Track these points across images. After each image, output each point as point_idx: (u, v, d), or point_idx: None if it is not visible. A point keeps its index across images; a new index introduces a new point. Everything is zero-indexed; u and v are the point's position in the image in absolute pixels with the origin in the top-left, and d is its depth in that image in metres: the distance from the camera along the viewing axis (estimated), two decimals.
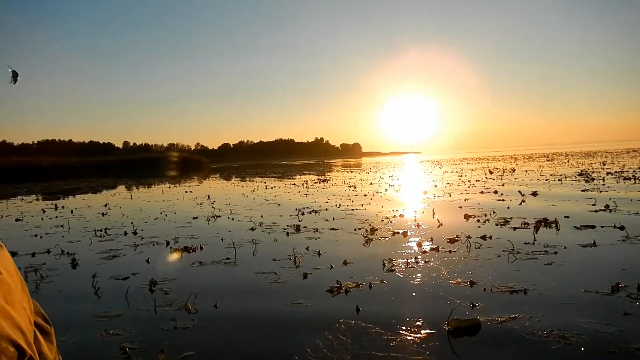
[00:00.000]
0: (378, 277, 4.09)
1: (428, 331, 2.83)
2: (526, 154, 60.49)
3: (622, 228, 5.69)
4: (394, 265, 4.52)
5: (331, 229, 6.87)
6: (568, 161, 29.37)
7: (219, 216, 9.02)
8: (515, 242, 5.15)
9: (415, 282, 3.91)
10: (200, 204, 11.83)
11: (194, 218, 8.87)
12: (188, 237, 6.72)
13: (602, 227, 5.93)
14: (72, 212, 11.19)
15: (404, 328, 2.88)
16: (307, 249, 5.48)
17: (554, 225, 6.21)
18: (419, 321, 2.99)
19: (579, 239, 5.26)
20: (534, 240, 5.38)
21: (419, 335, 2.79)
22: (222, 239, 6.39)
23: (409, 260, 4.64)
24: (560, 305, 3.14)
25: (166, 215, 9.59)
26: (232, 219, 8.56)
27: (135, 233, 7.35)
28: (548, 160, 33.55)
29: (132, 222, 8.56)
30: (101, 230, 7.78)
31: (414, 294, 3.60)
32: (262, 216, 8.75)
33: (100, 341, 2.99)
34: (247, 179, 26.78)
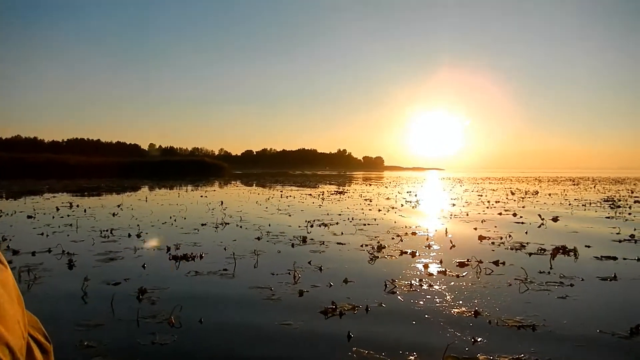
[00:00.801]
0: (377, 300, 3.84)
1: None
2: (551, 176, 59.20)
3: None
4: (396, 287, 4.26)
5: (338, 243, 6.63)
6: (594, 186, 28.54)
7: (228, 224, 8.87)
8: (529, 270, 4.84)
9: (416, 308, 3.65)
10: (212, 210, 11.71)
11: (202, 225, 8.73)
12: (191, 245, 6.56)
13: (624, 259, 5.56)
14: (85, 211, 11.19)
15: None
16: (309, 263, 5.26)
17: (572, 253, 5.86)
18: (413, 355, 2.73)
19: (599, 270, 4.92)
20: (550, 268, 5.06)
21: None
22: (224, 249, 6.21)
23: (413, 283, 4.38)
24: (571, 347, 2.85)
25: (175, 220, 9.48)
26: (240, 227, 8.40)
27: (139, 236, 7.24)
28: (574, 184, 32.70)
29: (138, 225, 8.46)
30: (107, 231, 7.70)
31: (412, 321, 3.34)
32: (270, 225, 8.56)
33: (72, 352, 2.81)
34: (266, 186, 26.71)
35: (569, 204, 14.19)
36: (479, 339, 2.96)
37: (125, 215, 10.31)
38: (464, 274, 4.78)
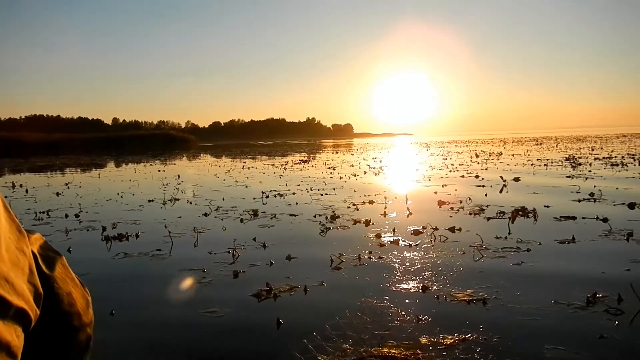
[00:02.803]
0: (319, 278, 3.49)
1: None
2: (516, 137, 60.03)
3: (605, 220, 5.12)
4: (342, 262, 3.92)
5: (290, 215, 6.25)
6: (557, 145, 28.90)
7: (178, 199, 8.37)
8: (485, 236, 4.56)
9: (359, 286, 3.31)
10: (166, 185, 11.14)
11: (149, 201, 8.21)
12: (130, 223, 6.07)
13: (583, 218, 5.36)
14: (27, 191, 10.46)
15: (323, 355, 2.28)
16: (254, 239, 4.86)
17: (531, 215, 5.63)
18: (346, 343, 2.39)
19: (557, 233, 4.69)
20: (509, 233, 4.80)
21: None
22: (165, 226, 5.75)
23: (361, 256, 4.04)
24: (522, 323, 2.56)
25: (122, 196, 8.92)
26: (191, 202, 7.92)
27: (77, 216, 6.69)
28: (537, 144, 33.08)
29: (80, 204, 7.88)
30: (43, 213, 7.11)
31: (353, 302, 3.00)
32: (223, 199, 8.11)
33: None
34: (230, 157, 26.05)
35: (532, 164, 14.15)
36: (423, 319, 2.64)
37: (70, 194, 9.67)
38: (417, 243, 4.48)
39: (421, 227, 5.13)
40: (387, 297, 3.03)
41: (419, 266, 3.73)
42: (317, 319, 2.73)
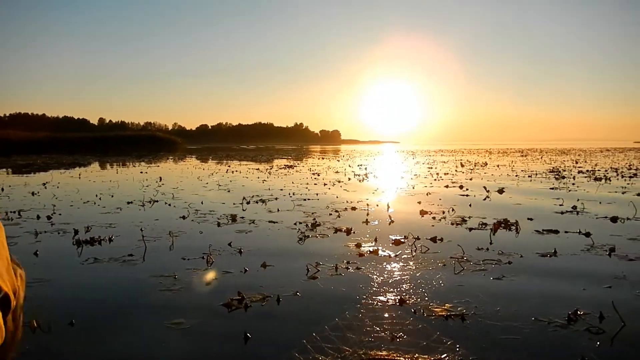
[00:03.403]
0: (294, 288, 3.36)
1: None
2: (502, 148, 60.54)
3: (587, 235, 5.07)
4: (319, 271, 3.80)
5: (269, 222, 6.12)
6: (541, 157, 29.16)
7: (157, 201, 8.18)
8: (467, 247, 4.47)
9: (335, 297, 3.19)
10: (147, 186, 10.93)
11: (128, 203, 8.01)
12: (105, 226, 5.89)
13: (566, 232, 5.31)
14: (2, 189, 10.18)
15: None
16: (229, 244, 4.72)
17: (514, 227, 5.57)
18: None
19: (539, 246, 4.62)
20: (490, 244, 4.73)
21: None
22: (141, 229, 5.57)
23: (338, 265, 3.92)
24: (501, 342, 2.45)
25: (100, 198, 8.69)
26: (170, 205, 7.74)
27: (49, 217, 6.47)
28: (522, 155, 33.36)
29: (55, 205, 7.66)
30: (14, 212, 6.89)
31: (326, 314, 2.87)
32: (202, 203, 7.94)
33: None
34: (216, 161, 25.81)
35: (516, 176, 14.18)
36: (399, 336, 2.53)
37: (47, 194, 9.41)
38: (397, 253, 4.37)
39: (402, 237, 5.03)
40: (362, 311, 2.91)
41: (397, 278, 3.62)
42: (288, 332, 2.61)
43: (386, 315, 2.84)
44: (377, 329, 2.63)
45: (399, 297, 3.12)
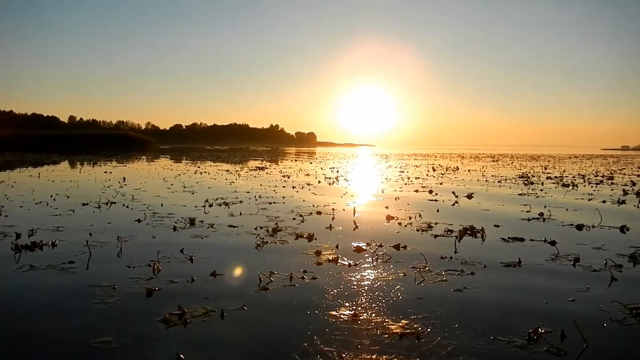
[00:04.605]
0: (241, 300, 3.12)
1: None
2: (474, 153, 61.32)
3: (552, 243, 4.96)
4: (272, 281, 3.56)
5: (229, 226, 5.85)
6: (512, 163, 29.51)
7: (114, 203, 7.82)
8: (430, 256, 4.31)
9: (285, 310, 2.96)
10: (108, 187, 10.51)
11: (83, 204, 7.62)
12: (52, 229, 5.53)
13: (531, 240, 5.19)
14: None
15: None
16: (181, 251, 4.44)
17: (479, 235, 5.44)
18: None
19: (504, 255, 4.48)
20: (455, 252, 4.57)
21: None
22: (90, 234, 5.25)
23: (294, 275, 3.69)
24: None
25: (55, 199, 8.28)
26: (127, 207, 7.39)
27: None
28: (493, 160, 33.74)
29: (3, 206, 7.23)
30: None
31: (271, 333, 2.64)
32: (162, 205, 7.62)
33: None
34: (187, 161, 25.30)
35: (486, 181, 14.21)
36: (345, 356, 2.31)
37: None
38: (357, 262, 4.17)
39: (365, 244, 4.84)
40: (311, 327, 2.69)
41: (354, 289, 3.41)
42: (225, 352, 2.36)
43: (336, 332, 2.62)
44: (326, 349, 2.41)
45: (352, 312, 2.91)
